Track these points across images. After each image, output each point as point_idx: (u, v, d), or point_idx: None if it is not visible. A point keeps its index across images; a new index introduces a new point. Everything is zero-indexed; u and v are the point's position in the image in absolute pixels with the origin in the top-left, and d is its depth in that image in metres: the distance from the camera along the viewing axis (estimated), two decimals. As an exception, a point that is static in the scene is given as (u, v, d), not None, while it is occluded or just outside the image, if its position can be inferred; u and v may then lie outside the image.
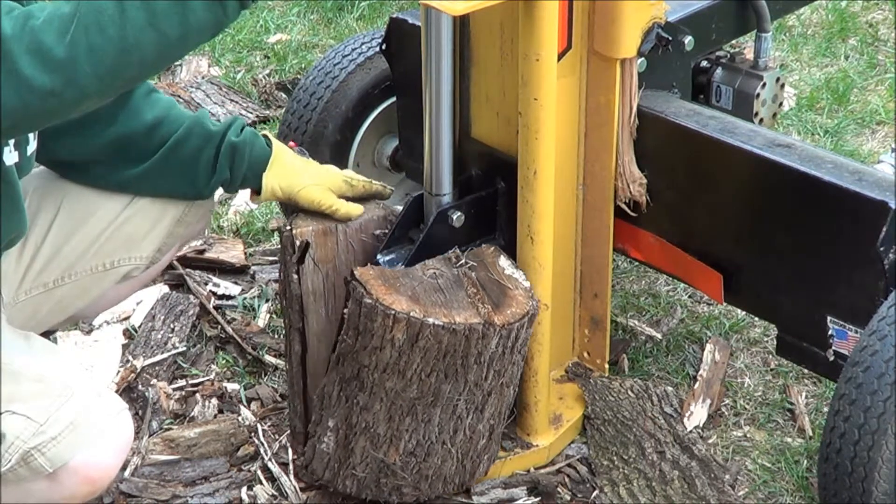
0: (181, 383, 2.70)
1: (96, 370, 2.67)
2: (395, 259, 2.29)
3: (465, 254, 2.22)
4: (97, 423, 1.92)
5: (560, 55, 2.24)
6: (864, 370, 2.02)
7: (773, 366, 2.75)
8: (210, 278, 3.04)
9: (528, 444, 2.46)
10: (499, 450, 2.38)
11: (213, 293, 2.99)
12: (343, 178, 2.28)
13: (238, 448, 2.52)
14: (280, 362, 2.73)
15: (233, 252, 3.11)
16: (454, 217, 2.31)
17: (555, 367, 2.55)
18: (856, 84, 3.90)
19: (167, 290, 2.97)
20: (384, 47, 2.71)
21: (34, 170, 2.09)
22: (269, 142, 2.25)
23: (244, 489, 2.42)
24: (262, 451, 2.50)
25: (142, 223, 2.23)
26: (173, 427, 2.57)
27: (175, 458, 2.47)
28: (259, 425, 2.57)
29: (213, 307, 2.92)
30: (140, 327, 2.84)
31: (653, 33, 2.30)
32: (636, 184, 2.39)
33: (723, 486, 2.38)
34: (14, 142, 1.95)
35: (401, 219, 2.32)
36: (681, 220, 2.42)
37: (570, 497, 2.42)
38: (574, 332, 2.60)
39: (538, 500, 2.39)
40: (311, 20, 4.46)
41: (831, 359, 2.24)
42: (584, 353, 2.62)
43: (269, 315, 2.90)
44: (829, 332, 2.23)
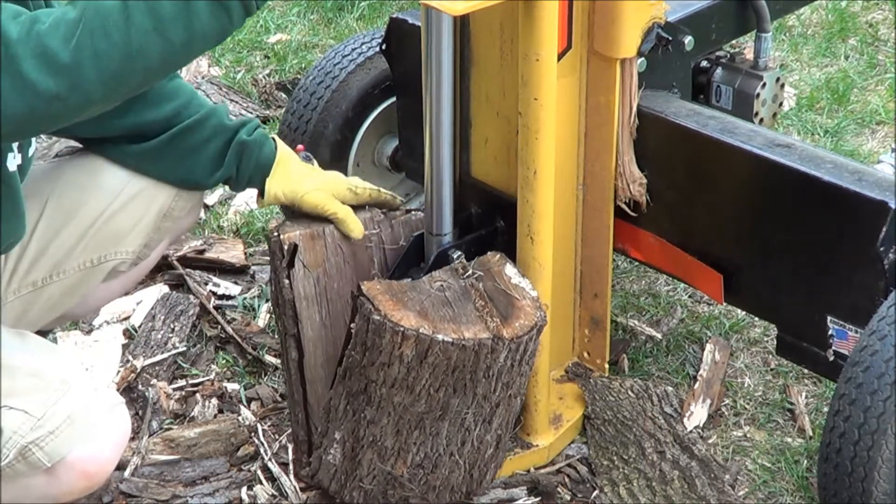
0: (181, 383, 2.71)
1: (96, 370, 2.67)
2: None
3: (472, 263, 2.21)
4: (94, 417, 1.93)
5: (560, 55, 2.24)
6: (864, 370, 2.02)
7: (773, 366, 2.75)
8: (210, 278, 3.04)
9: (528, 444, 2.46)
10: (505, 457, 2.38)
11: (213, 293, 2.99)
12: (347, 185, 2.27)
13: (238, 448, 2.52)
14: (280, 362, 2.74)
15: (233, 252, 3.12)
16: (454, 256, 2.32)
17: (555, 367, 2.55)
18: (856, 84, 3.90)
19: (167, 290, 2.97)
20: (384, 47, 2.71)
21: None
22: (276, 146, 2.25)
23: (244, 489, 2.42)
24: (262, 451, 2.50)
25: (127, 218, 2.21)
26: (173, 427, 2.57)
27: (175, 458, 2.47)
28: (259, 425, 2.57)
29: (213, 307, 2.92)
30: (140, 327, 2.84)
31: (653, 33, 2.30)
32: (636, 184, 2.39)
33: (723, 486, 2.38)
34: (17, 144, 1.95)
35: (402, 258, 2.33)
36: (681, 220, 2.42)
37: (570, 497, 2.42)
38: (574, 332, 2.60)
39: (538, 500, 2.39)
40: (311, 20, 4.46)
41: (831, 359, 2.24)
42: (584, 353, 2.62)
43: (269, 315, 2.90)
44: (829, 332, 2.23)
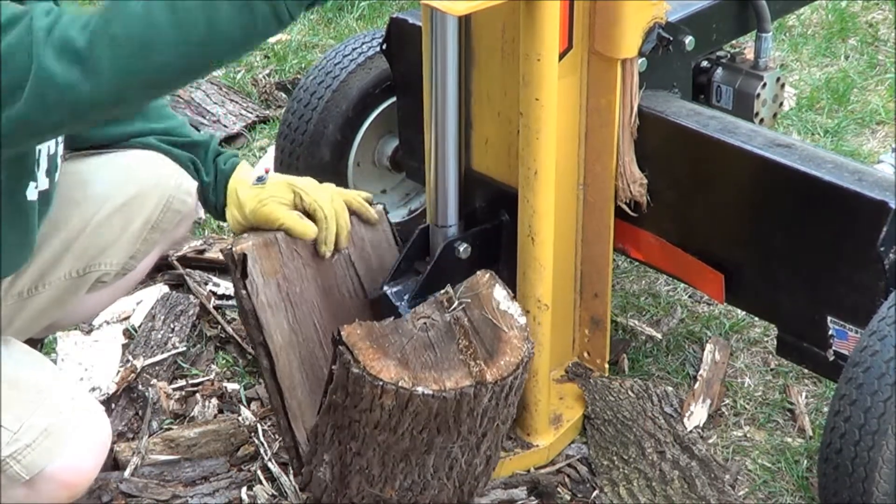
0: (181, 383, 2.70)
1: (96, 370, 2.67)
2: (402, 291, 2.30)
3: (459, 287, 2.13)
4: (72, 427, 1.91)
5: (561, 55, 2.24)
6: (865, 370, 2.02)
7: (773, 366, 2.75)
8: (210, 278, 3.03)
9: (528, 444, 2.46)
10: (496, 467, 2.36)
11: (213, 293, 2.98)
12: (293, 190, 2.21)
13: (238, 448, 2.52)
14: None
15: (233, 252, 3.11)
16: (461, 249, 2.32)
17: (555, 367, 2.55)
18: (856, 84, 3.90)
19: (167, 290, 2.97)
20: (384, 47, 2.71)
21: None
22: (238, 164, 2.28)
23: (244, 489, 2.42)
24: (262, 451, 2.50)
25: (112, 228, 2.18)
26: (173, 427, 2.57)
27: (175, 458, 2.47)
28: (259, 425, 2.57)
29: (213, 307, 2.92)
30: (140, 327, 2.84)
31: (653, 33, 2.30)
32: (637, 184, 2.39)
33: (723, 486, 2.38)
34: (46, 168, 1.93)
35: (407, 250, 2.32)
36: (681, 220, 2.42)
37: (570, 497, 2.42)
38: (574, 332, 2.60)
39: (538, 500, 2.39)
40: (311, 20, 4.46)
41: (831, 359, 2.24)
42: (584, 353, 2.62)
43: (269, 315, 2.90)
44: (830, 332, 2.23)
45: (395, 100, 2.81)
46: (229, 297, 2.98)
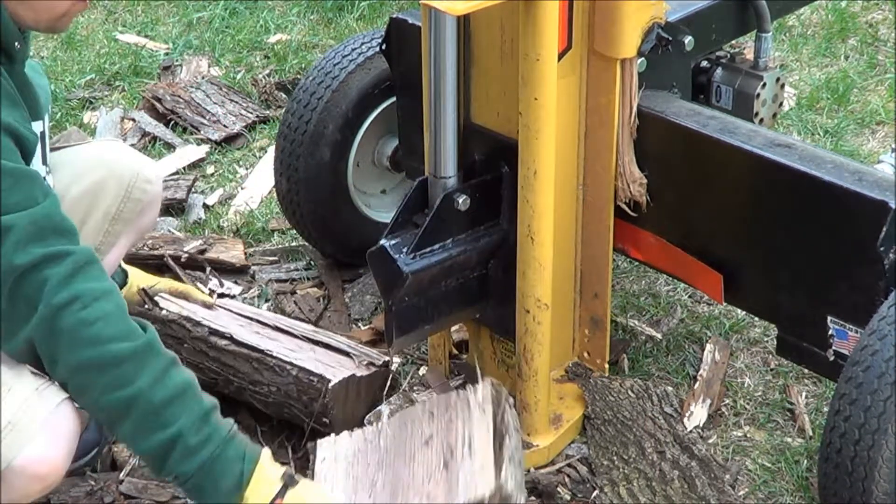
0: (181, 383, 2.70)
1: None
2: (400, 244, 2.27)
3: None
4: (38, 419, 1.90)
5: (560, 55, 2.24)
6: (865, 370, 2.02)
7: (773, 366, 2.75)
8: (210, 278, 3.03)
9: (528, 444, 2.46)
10: None
11: (213, 293, 2.98)
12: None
13: (238, 448, 2.52)
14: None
15: (233, 252, 3.11)
16: (460, 200, 2.29)
17: (555, 367, 2.55)
18: (856, 84, 3.90)
19: (167, 290, 2.96)
20: (384, 47, 2.71)
21: None
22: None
23: (244, 489, 2.41)
24: (262, 451, 2.50)
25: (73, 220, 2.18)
26: (173, 427, 2.57)
27: (175, 458, 2.46)
28: (259, 426, 2.56)
29: (213, 307, 2.92)
30: (140, 327, 2.83)
31: (653, 33, 2.30)
32: (636, 184, 2.39)
33: (723, 486, 2.38)
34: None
35: (405, 203, 2.29)
36: (681, 220, 2.42)
37: (570, 497, 2.42)
38: (574, 332, 2.60)
39: (538, 500, 2.39)
40: (311, 20, 4.46)
41: (831, 359, 2.24)
42: (584, 353, 2.62)
43: (269, 315, 2.90)
44: (830, 332, 2.23)
45: (394, 100, 2.81)
46: (229, 298, 2.98)
